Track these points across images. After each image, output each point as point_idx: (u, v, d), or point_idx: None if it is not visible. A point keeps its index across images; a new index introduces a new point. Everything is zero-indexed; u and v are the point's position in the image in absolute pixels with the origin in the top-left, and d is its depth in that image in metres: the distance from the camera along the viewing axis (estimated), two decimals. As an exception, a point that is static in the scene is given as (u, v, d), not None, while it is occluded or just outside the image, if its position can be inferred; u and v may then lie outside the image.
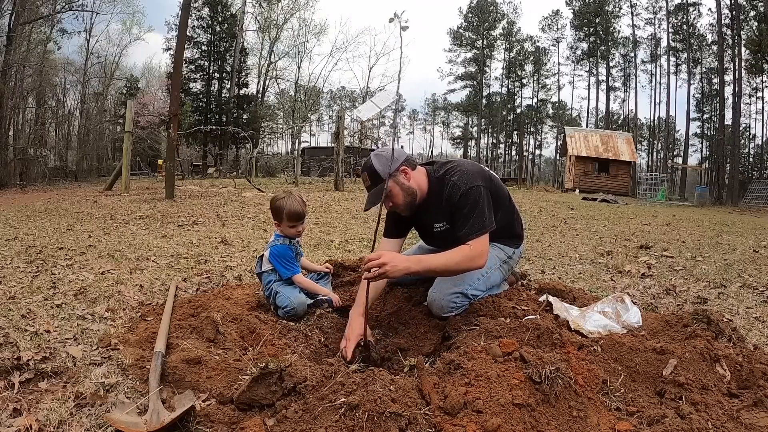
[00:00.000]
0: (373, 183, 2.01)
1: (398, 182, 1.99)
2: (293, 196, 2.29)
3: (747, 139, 38.22)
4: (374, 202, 1.97)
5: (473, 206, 1.93)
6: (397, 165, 1.99)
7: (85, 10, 28.32)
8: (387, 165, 1.97)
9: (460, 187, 1.96)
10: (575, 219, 7.65)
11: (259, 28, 36.84)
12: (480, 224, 1.91)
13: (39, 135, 22.94)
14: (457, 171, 2.02)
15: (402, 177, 2.01)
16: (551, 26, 49.05)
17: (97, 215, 6.09)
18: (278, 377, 1.35)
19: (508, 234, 2.23)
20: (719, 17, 30.41)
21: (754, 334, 2.11)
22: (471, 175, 1.99)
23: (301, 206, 2.27)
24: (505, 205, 2.19)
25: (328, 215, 6.72)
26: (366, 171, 2.03)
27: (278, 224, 2.28)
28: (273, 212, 2.30)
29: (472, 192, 1.95)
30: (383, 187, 1.91)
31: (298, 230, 2.30)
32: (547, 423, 1.26)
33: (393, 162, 1.96)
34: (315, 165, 26.26)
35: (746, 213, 14.05)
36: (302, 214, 2.28)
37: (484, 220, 1.93)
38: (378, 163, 2.00)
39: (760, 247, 4.90)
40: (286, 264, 2.22)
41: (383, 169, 1.97)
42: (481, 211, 1.93)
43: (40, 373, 1.48)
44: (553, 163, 52.86)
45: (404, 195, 2.01)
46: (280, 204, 2.25)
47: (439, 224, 2.12)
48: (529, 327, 1.69)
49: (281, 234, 2.30)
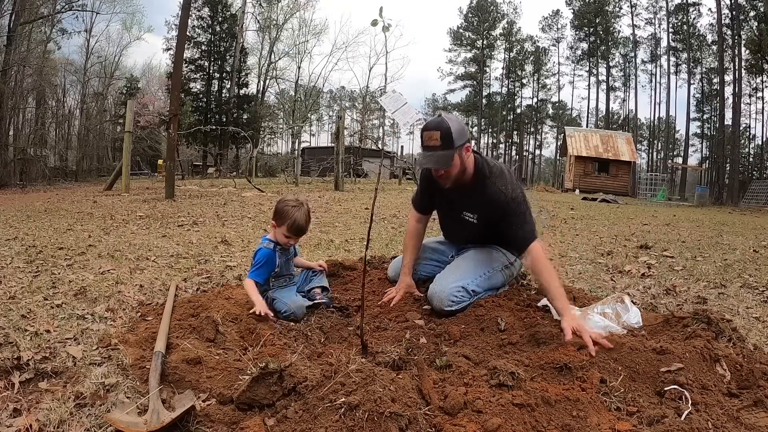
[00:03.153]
0: (443, 145, 1.95)
1: (461, 156, 2.01)
2: (303, 208, 2.17)
3: (747, 139, 38.19)
4: (440, 164, 1.98)
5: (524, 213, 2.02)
6: (465, 140, 2.01)
7: (85, 10, 28.35)
8: (461, 133, 1.97)
9: (507, 192, 2.02)
10: (575, 219, 7.65)
11: (259, 28, 36.84)
12: (532, 226, 2.02)
13: (39, 135, 22.93)
14: (501, 175, 2.08)
15: (465, 152, 2.02)
16: (551, 26, 49.08)
17: (97, 215, 6.09)
18: (278, 377, 1.35)
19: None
20: (719, 17, 30.41)
21: (754, 334, 2.11)
22: (516, 184, 2.07)
23: (306, 223, 2.20)
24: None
25: (328, 215, 6.72)
26: (440, 130, 1.95)
27: (274, 226, 2.19)
28: (276, 214, 2.19)
29: (519, 200, 2.03)
30: (452, 154, 1.95)
31: (290, 243, 2.23)
32: (547, 423, 1.26)
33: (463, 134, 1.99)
34: (315, 165, 26.27)
35: (746, 213, 14.04)
36: (304, 231, 2.22)
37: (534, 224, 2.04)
38: (454, 128, 1.96)
39: (760, 247, 4.89)
40: (257, 267, 2.13)
41: (458, 137, 1.95)
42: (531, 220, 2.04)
43: (40, 373, 1.48)
44: (553, 163, 52.86)
45: (459, 170, 2.04)
46: (288, 211, 2.14)
47: (471, 215, 2.16)
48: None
49: (272, 239, 2.21)
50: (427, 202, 2.33)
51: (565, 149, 28.77)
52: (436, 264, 2.37)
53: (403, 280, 2.29)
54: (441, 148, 1.95)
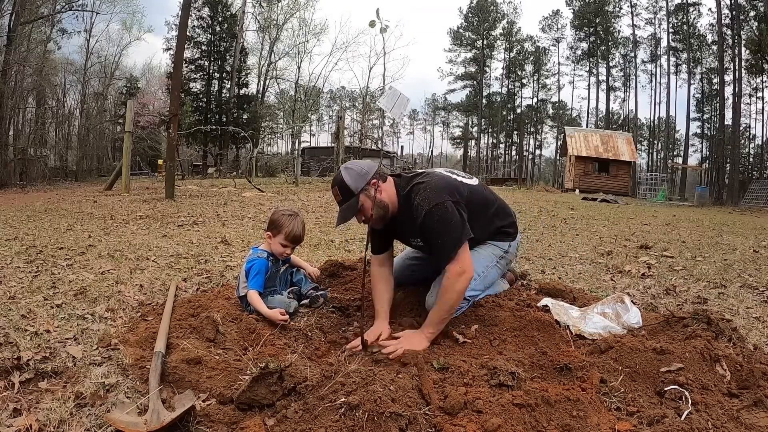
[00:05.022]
0: (344, 198, 1.94)
1: (369, 196, 1.94)
2: (298, 219, 2.22)
3: (747, 139, 38.17)
4: (346, 218, 1.96)
5: (441, 225, 1.88)
6: (368, 178, 1.95)
7: (85, 10, 28.34)
8: (357, 178, 1.93)
9: (423, 207, 1.91)
10: (575, 219, 7.64)
11: (259, 28, 36.82)
12: (454, 241, 1.86)
13: (39, 135, 22.93)
14: (420, 190, 1.96)
15: (373, 190, 1.94)
16: (551, 26, 49.06)
17: (97, 215, 6.09)
18: (278, 377, 1.35)
19: (499, 231, 2.21)
20: (719, 17, 30.41)
21: (754, 334, 2.11)
22: (435, 192, 1.93)
23: (303, 231, 2.23)
24: (486, 211, 2.16)
25: (328, 215, 6.72)
26: (336, 185, 1.96)
27: (270, 237, 2.22)
28: (271, 224, 2.22)
29: (435, 211, 1.88)
30: (355, 203, 1.90)
31: (287, 252, 2.25)
32: (547, 423, 1.26)
33: (362, 176, 1.94)
34: (315, 165, 26.27)
35: (746, 213, 14.04)
36: (301, 239, 2.26)
37: (456, 235, 1.87)
38: (348, 177, 1.94)
39: (760, 247, 4.89)
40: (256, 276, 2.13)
41: (354, 184, 1.93)
42: (452, 227, 1.87)
43: (40, 373, 1.48)
44: (553, 163, 52.84)
45: (376, 208, 1.95)
46: (284, 221, 2.18)
47: (414, 239, 2.11)
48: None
49: (266, 249, 2.23)
50: (380, 242, 2.20)
51: (565, 149, 28.76)
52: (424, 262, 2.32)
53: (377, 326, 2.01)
54: (343, 201, 1.95)
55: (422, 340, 1.83)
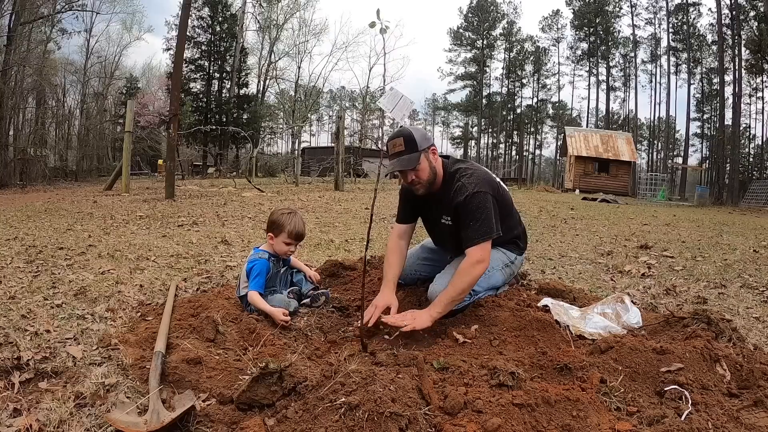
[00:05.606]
0: (406, 150, 1.98)
1: (428, 158, 2.02)
2: (298, 215, 2.25)
3: (747, 139, 38.17)
4: (404, 166, 1.98)
5: (478, 211, 1.96)
6: (431, 142, 2.04)
7: (85, 10, 28.30)
8: (423, 139, 1.99)
9: (467, 188, 1.98)
10: (575, 219, 7.64)
11: (259, 28, 36.82)
12: (485, 230, 1.94)
13: (39, 135, 22.93)
14: (467, 173, 2.05)
15: (431, 155, 2.04)
16: (551, 26, 49.05)
17: (97, 215, 6.08)
18: (278, 377, 1.35)
19: (512, 241, 2.26)
20: (719, 17, 30.39)
21: (754, 334, 2.11)
22: (481, 181, 2.02)
23: (304, 227, 2.25)
24: (510, 215, 2.23)
25: (328, 215, 6.72)
26: (402, 136, 1.99)
27: (272, 238, 2.23)
28: (271, 225, 2.23)
29: (477, 196, 1.97)
30: (416, 158, 1.95)
31: (291, 250, 2.27)
32: (547, 423, 1.26)
33: (426, 139, 2.01)
34: (315, 165, 26.27)
35: (746, 213, 14.04)
36: (304, 235, 2.28)
37: (489, 226, 1.95)
38: (416, 133, 2.01)
39: (760, 247, 4.89)
40: (257, 277, 2.13)
41: (420, 141, 1.98)
42: (487, 217, 1.96)
43: (40, 373, 1.48)
44: (553, 163, 52.83)
45: (429, 173, 2.03)
46: (283, 220, 2.20)
47: (445, 218, 2.14)
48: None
49: (267, 249, 2.24)
50: (408, 212, 2.27)
51: (565, 149, 28.76)
52: (435, 264, 2.36)
53: (382, 295, 2.07)
54: (406, 152, 1.98)
55: (426, 319, 1.87)
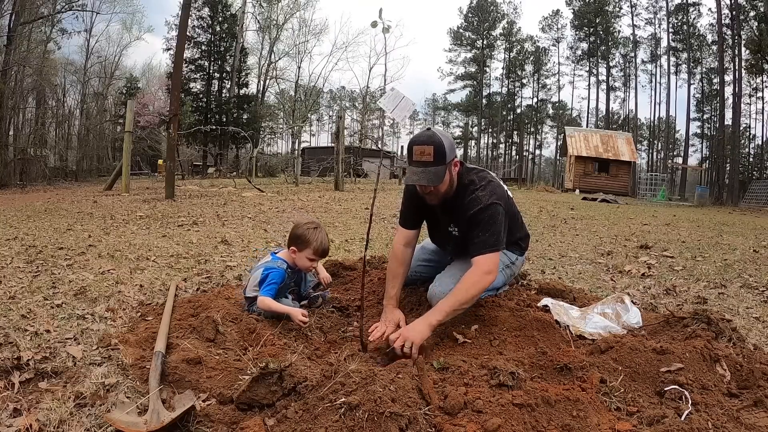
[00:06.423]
0: (435, 161, 1.89)
1: (450, 172, 1.97)
2: (323, 231, 2.15)
3: (747, 139, 38.15)
4: (431, 182, 1.90)
5: (490, 223, 1.93)
6: (455, 155, 1.97)
7: (85, 10, 28.31)
8: (451, 149, 1.93)
9: (481, 201, 1.95)
10: (575, 219, 7.64)
11: (259, 28, 36.83)
12: (493, 242, 1.92)
13: (39, 135, 22.94)
14: (483, 185, 2.01)
15: (453, 168, 1.98)
16: (551, 26, 49.04)
17: (97, 215, 6.08)
18: (278, 377, 1.35)
19: (513, 243, 2.26)
20: (719, 17, 30.37)
21: (754, 334, 2.11)
22: (496, 194, 1.99)
23: (329, 243, 2.17)
24: (516, 222, 2.22)
25: (329, 215, 6.72)
26: (433, 145, 1.88)
27: (294, 252, 2.14)
28: (296, 239, 2.13)
29: (491, 208, 1.94)
30: (443, 171, 1.89)
31: (314, 266, 2.22)
32: (547, 423, 1.26)
33: (453, 150, 1.95)
34: (315, 165, 26.25)
35: (746, 213, 14.04)
36: (328, 251, 2.20)
37: (497, 239, 1.93)
38: (447, 144, 1.91)
39: (760, 247, 4.89)
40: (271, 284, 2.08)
41: (449, 153, 1.91)
42: (497, 230, 1.94)
43: (40, 373, 1.48)
44: (553, 163, 52.82)
45: (448, 186, 1.99)
46: (310, 236, 2.10)
47: (453, 227, 2.12)
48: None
49: (286, 260, 2.16)
50: (415, 217, 2.21)
51: (565, 149, 28.76)
52: (435, 265, 2.36)
53: (390, 313, 2.05)
54: (433, 164, 1.89)
55: (424, 329, 1.78)
